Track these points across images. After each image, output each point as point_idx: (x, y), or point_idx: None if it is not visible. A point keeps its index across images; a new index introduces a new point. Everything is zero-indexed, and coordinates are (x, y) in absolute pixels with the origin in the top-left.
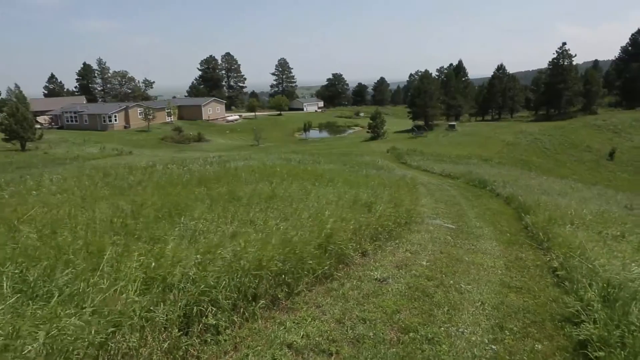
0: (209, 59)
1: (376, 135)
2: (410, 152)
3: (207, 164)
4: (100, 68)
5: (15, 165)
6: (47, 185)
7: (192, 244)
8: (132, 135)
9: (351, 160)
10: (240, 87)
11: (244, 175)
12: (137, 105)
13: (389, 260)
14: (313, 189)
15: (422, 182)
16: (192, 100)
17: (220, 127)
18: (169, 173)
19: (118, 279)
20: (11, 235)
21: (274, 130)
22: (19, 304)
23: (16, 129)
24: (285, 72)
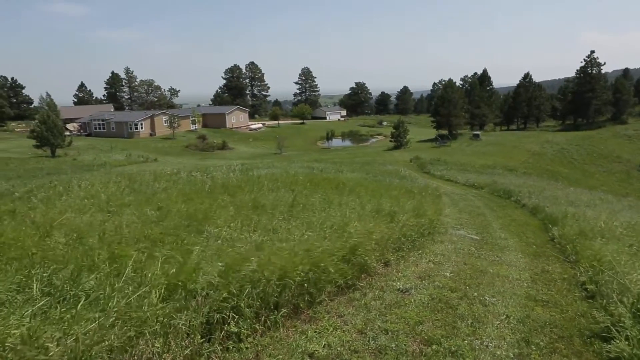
0: (234, 68)
1: (399, 144)
2: (433, 161)
3: (230, 171)
4: (128, 77)
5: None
6: (75, 191)
7: (216, 252)
8: (157, 142)
9: (374, 170)
10: (263, 96)
11: (266, 183)
12: (162, 113)
13: (411, 271)
14: (335, 197)
15: (446, 192)
16: (217, 108)
17: (244, 135)
18: (192, 180)
19: (142, 284)
20: (41, 240)
21: (296, 139)
22: (47, 307)
23: (47, 136)
24: (308, 81)
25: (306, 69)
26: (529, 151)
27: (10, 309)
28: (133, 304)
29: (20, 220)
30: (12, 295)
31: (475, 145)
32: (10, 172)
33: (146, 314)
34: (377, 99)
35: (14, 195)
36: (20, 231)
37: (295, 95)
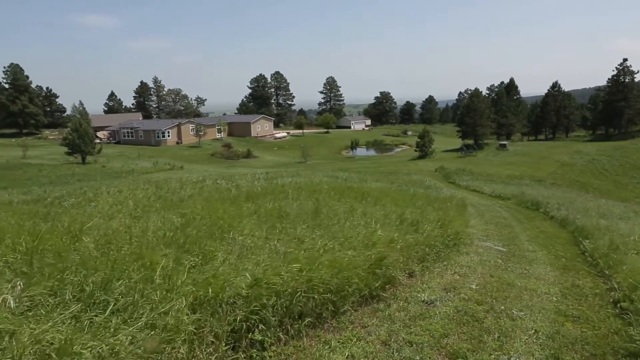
0: (259, 78)
1: (424, 154)
2: (459, 171)
3: (255, 180)
4: (156, 86)
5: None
6: (104, 197)
7: (241, 260)
8: (183, 150)
9: (398, 179)
10: (288, 105)
11: (291, 192)
12: (189, 122)
13: (436, 282)
14: (359, 207)
15: (472, 203)
16: (242, 117)
17: (269, 143)
18: (218, 188)
19: (169, 291)
20: (72, 245)
21: (321, 148)
22: (78, 311)
23: (78, 143)
24: (333, 90)
25: (331, 78)
26: (558, 162)
27: (44, 312)
28: (161, 311)
29: (53, 225)
30: (45, 298)
31: (502, 155)
32: (44, 178)
33: (174, 321)
34: (402, 108)
35: (46, 200)
36: (53, 235)
37: (320, 104)
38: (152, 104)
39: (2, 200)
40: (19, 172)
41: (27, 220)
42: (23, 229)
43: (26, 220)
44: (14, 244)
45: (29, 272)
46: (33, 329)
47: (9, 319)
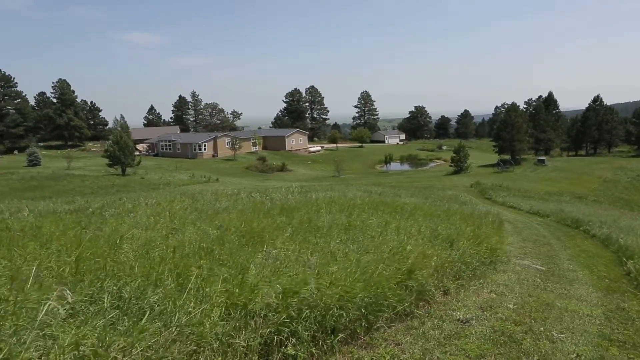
0: (294, 92)
1: (459, 169)
2: (495, 187)
3: (289, 193)
4: (194, 100)
5: (116, 188)
6: (142, 208)
7: (274, 273)
8: (219, 163)
9: (433, 194)
10: (323, 119)
11: (324, 206)
12: (225, 135)
13: (472, 301)
14: (393, 222)
15: (508, 219)
16: (277, 131)
17: (303, 157)
18: (252, 201)
19: (203, 301)
20: (112, 254)
21: (354, 162)
22: (115, 319)
23: (119, 155)
24: (367, 105)
25: (365, 92)
26: (600, 178)
27: (84, 318)
28: (194, 320)
29: (94, 234)
30: (85, 305)
31: (540, 171)
32: (86, 189)
33: (207, 330)
34: (437, 122)
35: (88, 210)
36: (94, 244)
37: (354, 118)
38: (190, 118)
39: (48, 209)
40: (63, 183)
41: (70, 229)
42: (67, 238)
43: (70, 229)
44: (59, 251)
45: (72, 279)
46: (74, 334)
47: (53, 325)
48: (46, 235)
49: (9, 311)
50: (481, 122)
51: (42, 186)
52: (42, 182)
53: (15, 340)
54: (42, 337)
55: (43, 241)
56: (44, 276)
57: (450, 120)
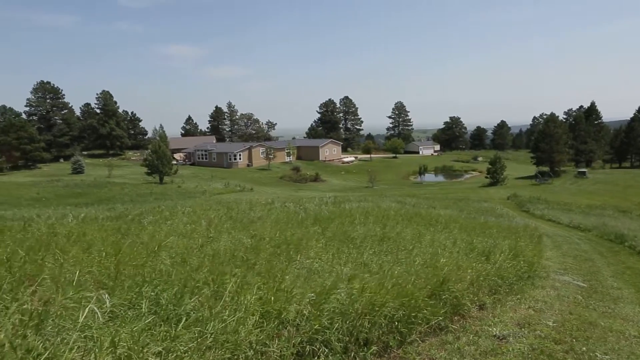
0: (328, 102)
1: (495, 180)
2: (533, 199)
3: (322, 203)
4: (230, 111)
5: (154, 196)
6: (179, 216)
7: (307, 283)
8: (253, 173)
9: (468, 206)
10: (357, 130)
11: (358, 216)
12: (259, 145)
13: (509, 317)
14: (427, 234)
15: (547, 233)
16: (311, 141)
17: (336, 167)
18: (286, 211)
19: (238, 310)
20: (150, 261)
21: (388, 173)
22: (152, 324)
23: (157, 164)
24: (401, 115)
25: (399, 103)
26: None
27: (122, 322)
28: (229, 328)
29: (133, 241)
30: (124, 310)
31: (581, 183)
32: (125, 197)
33: (241, 339)
34: (472, 133)
35: (127, 217)
36: (133, 251)
37: (388, 129)
38: (226, 128)
39: (90, 216)
40: (104, 190)
41: (111, 236)
42: (107, 244)
43: (110, 236)
44: (100, 257)
45: (111, 284)
46: (113, 336)
47: (93, 327)
48: (88, 241)
49: (53, 313)
50: (518, 133)
51: (84, 193)
52: (85, 189)
53: (59, 340)
54: (83, 338)
55: (85, 247)
56: (86, 280)
57: (486, 131)
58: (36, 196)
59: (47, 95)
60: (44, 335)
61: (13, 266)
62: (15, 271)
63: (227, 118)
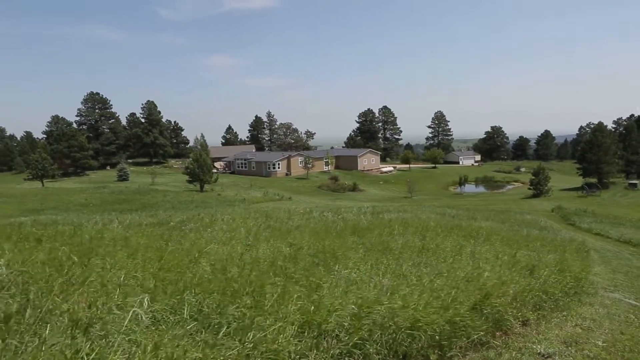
0: (367, 112)
1: (539, 192)
2: (579, 212)
3: (360, 213)
4: (269, 120)
5: (194, 204)
6: (219, 223)
7: (346, 293)
8: (292, 182)
9: (510, 218)
10: (395, 139)
11: (397, 227)
12: (298, 155)
13: (554, 334)
14: (468, 246)
15: (595, 248)
16: (349, 150)
17: (375, 177)
18: (324, 220)
19: (277, 319)
20: (191, 267)
21: (427, 183)
22: (194, 330)
23: (198, 172)
24: (441, 125)
25: (439, 112)
26: None
27: (165, 327)
28: (269, 337)
29: (175, 248)
30: (166, 315)
31: (632, 195)
32: (167, 204)
33: (281, 348)
34: (515, 143)
35: (169, 224)
36: (175, 257)
37: (427, 138)
38: (265, 137)
39: (134, 222)
40: (147, 197)
41: (153, 242)
42: (151, 250)
43: (153, 241)
44: (144, 262)
45: (154, 289)
46: (155, 341)
47: (137, 331)
48: (133, 247)
49: (99, 316)
50: (563, 143)
51: (129, 200)
52: (129, 196)
53: (105, 342)
54: (127, 341)
55: (130, 252)
56: (130, 285)
57: (529, 141)
58: (84, 202)
59: (96, 105)
60: (91, 337)
61: (64, 269)
62: (65, 273)
63: (266, 127)
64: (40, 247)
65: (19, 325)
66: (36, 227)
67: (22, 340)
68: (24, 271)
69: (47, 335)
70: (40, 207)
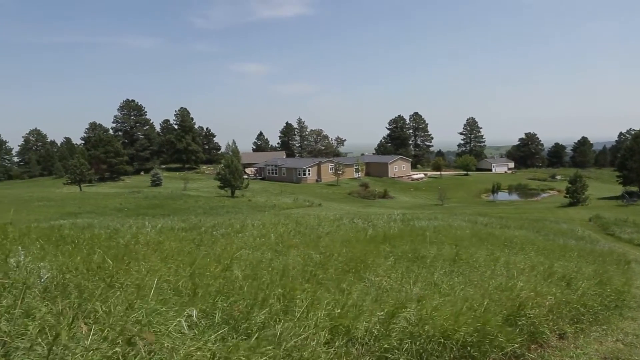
0: (397, 119)
1: (576, 200)
2: (619, 222)
3: (391, 220)
4: (300, 127)
5: (225, 209)
6: (249, 229)
7: (377, 301)
8: (322, 188)
9: (545, 227)
10: (426, 146)
11: (428, 235)
12: (328, 161)
13: (593, 349)
14: (502, 255)
15: (637, 259)
16: (379, 157)
17: (405, 184)
18: (354, 227)
19: (308, 326)
20: (222, 272)
21: (459, 190)
22: (225, 334)
23: (229, 178)
24: (473, 132)
25: (471, 119)
26: None
27: (197, 332)
28: (299, 343)
29: (206, 252)
30: (198, 320)
31: None
32: (199, 209)
33: (310, 354)
34: (550, 150)
35: (201, 229)
36: (207, 262)
37: (459, 145)
38: (296, 143)
39: (167, 226)
40: (179, 202)
41: (186, 246)
42: (182, 254)
43: (186, 246)
44: (177, 266)
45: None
46: (189, 345)
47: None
48: (166, 251)
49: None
50: (602, 149)
51: (162, 204)
52: (162, 200)
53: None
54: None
55: (163, 256)
56: (164, 288)
57: (565, 148)
58: (119, 206)
59: (131, 112)
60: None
61: (102, 272)
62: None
63: (297, 134)
64: (77, 249)
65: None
66: (74, 230)
67: (67, 346)
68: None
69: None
70: (78, 210)
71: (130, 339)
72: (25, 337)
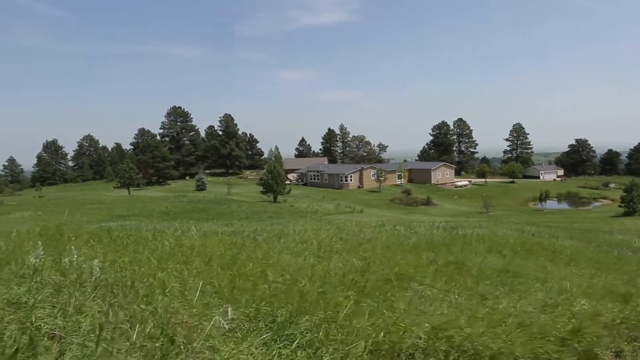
0: (441, 125)
1: (632, 210)
2: None
3: (434, 228)
4: (342, 133)
5: (267, 214)
6: (291, 234)
7: (421, 312)
8: (364, 194)
9: (597, 238)
10: (471, 153)
11: (473, 243)
12: (370, 167)
13: None
14: (552, 267)
15: None
16: (422, 164)
17: (449, 191)
18: (396, 234)
19: (350, 333)
20: (264, 277)
21: (504, 198)
22: (267, 340)
23: (272, 183)
24: (520, 138)
25: (518, 124)
26: None
27: (240, 335)
28: (343, 353)
29: (249, 257)
30: (242, 323)
31: None
32: (242, 213)
33: None
34: (603, 157)
35: (244, 233)
36: (249, 266)
37: (505, 152)
38: (338, 149)
39: (211, 230)
40: (223, 207)
41: (229, 250)
42: (225, 257)
43: (228, 250)
44: (221, 269)
45: (230, 297)
46: (232, 348)
47: (216, 337)
48: (210, 254)
49: (180, 321)
50: None
51: (206, 209)
52: (206, 205)
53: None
54: (208, 348)
55: (207, 259)
56: (207, 291)
57: (619, 155)
58: (165, 210)
59: (178, 118)
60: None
61: (147, 273)
62: (149, 276)
63: (339, 140)
64: (125, 250)
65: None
66: (123, 232)
67: (113, 343)
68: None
69: (134, 339)
70: (127, 213)
71: (173, 337)
72: (78, 333)
